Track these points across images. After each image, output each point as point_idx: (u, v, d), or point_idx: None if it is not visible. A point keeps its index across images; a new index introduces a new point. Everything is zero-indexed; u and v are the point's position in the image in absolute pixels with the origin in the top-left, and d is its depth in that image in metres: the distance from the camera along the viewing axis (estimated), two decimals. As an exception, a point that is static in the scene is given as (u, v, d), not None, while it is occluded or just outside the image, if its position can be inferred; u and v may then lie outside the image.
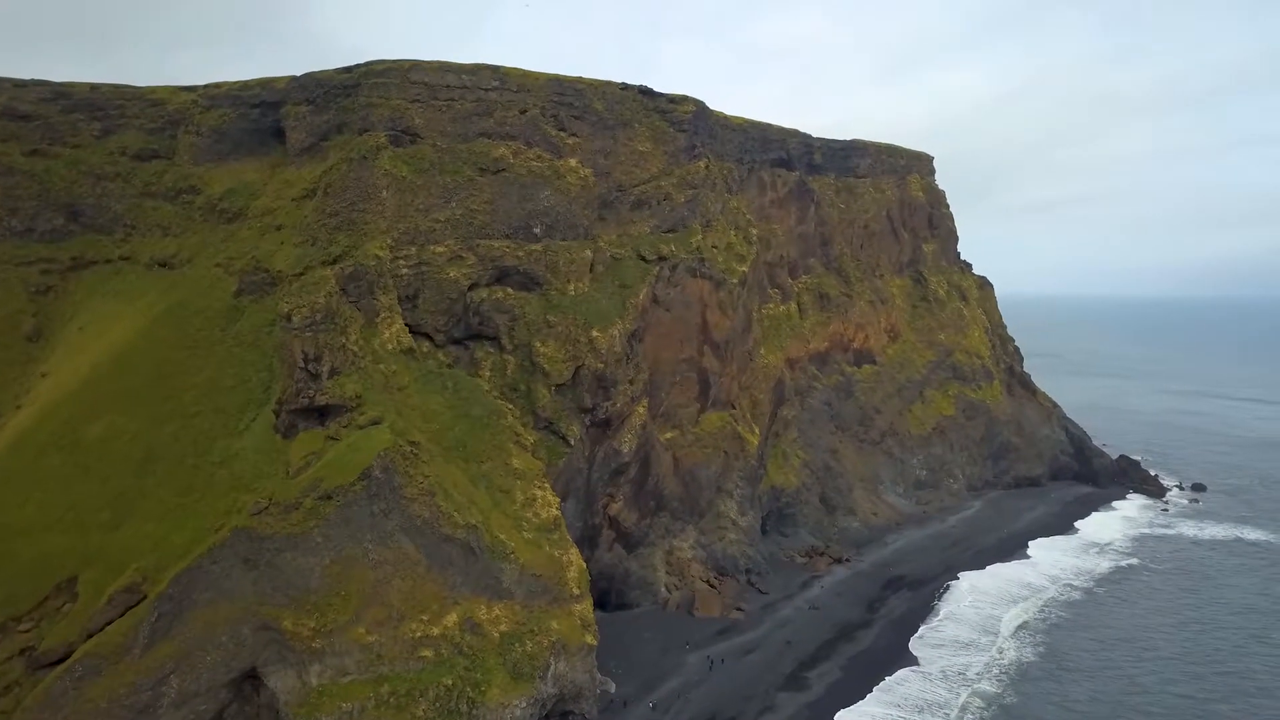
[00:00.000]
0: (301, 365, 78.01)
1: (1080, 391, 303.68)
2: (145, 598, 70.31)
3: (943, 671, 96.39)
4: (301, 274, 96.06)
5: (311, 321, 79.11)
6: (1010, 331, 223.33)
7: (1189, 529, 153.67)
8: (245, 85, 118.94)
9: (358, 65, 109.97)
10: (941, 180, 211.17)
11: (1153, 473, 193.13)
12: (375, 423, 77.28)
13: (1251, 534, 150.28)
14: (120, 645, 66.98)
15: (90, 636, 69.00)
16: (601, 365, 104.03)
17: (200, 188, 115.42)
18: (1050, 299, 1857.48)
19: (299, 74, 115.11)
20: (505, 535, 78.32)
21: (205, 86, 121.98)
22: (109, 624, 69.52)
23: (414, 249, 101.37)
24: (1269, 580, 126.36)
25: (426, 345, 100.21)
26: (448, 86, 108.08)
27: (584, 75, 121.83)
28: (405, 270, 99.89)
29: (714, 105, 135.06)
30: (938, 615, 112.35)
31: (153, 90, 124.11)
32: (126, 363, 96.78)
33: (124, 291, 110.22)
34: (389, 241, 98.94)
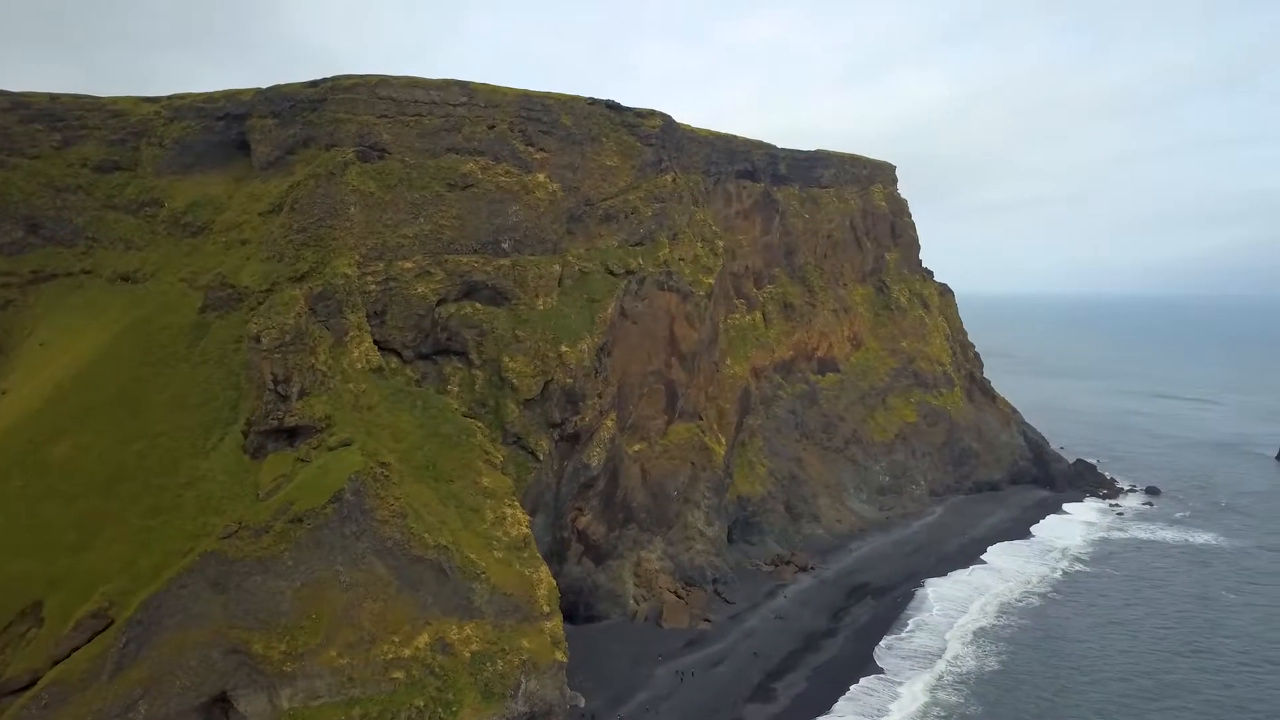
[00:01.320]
0: (271, 387, 77.94)
1: (1035, 392, 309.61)
2: (113, 622, 69.95)
3: (906, 680, 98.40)
4: (269, 290, 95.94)
5: (281, 343, 79.02)
6: (969, 330, 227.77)
7: (1143, 533, 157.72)
8: (210, 97, 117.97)
9: (324, 80, 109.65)
10: (907, 180, 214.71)
11: (1108, 476, 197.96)
12: (345, 444, 77.45)
13: (1200, 537, 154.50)
14: (88, 671, 66.61)
15: (57, 663, 68.54)
16: (570, 380, 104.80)
17: (164, 200, 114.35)
18: (1011, 297, 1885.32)
19: (265, 86, 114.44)
20: (476, 555, 78.85)
21: (169, 98, 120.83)
22: (76, 650, 69.11)
23: (382, 265, 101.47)
24: (1216, 584, 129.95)
25: (395, 361, 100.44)
26: (415, 102, 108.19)
27: (554, 86, 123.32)
28: (373, 286, 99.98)
29: (685, 106, 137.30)
30: (901, 624, 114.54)
31: (114, 101, 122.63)
32: (90, 380, 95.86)
33: (86, 306, 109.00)
34: (357, 258, 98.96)
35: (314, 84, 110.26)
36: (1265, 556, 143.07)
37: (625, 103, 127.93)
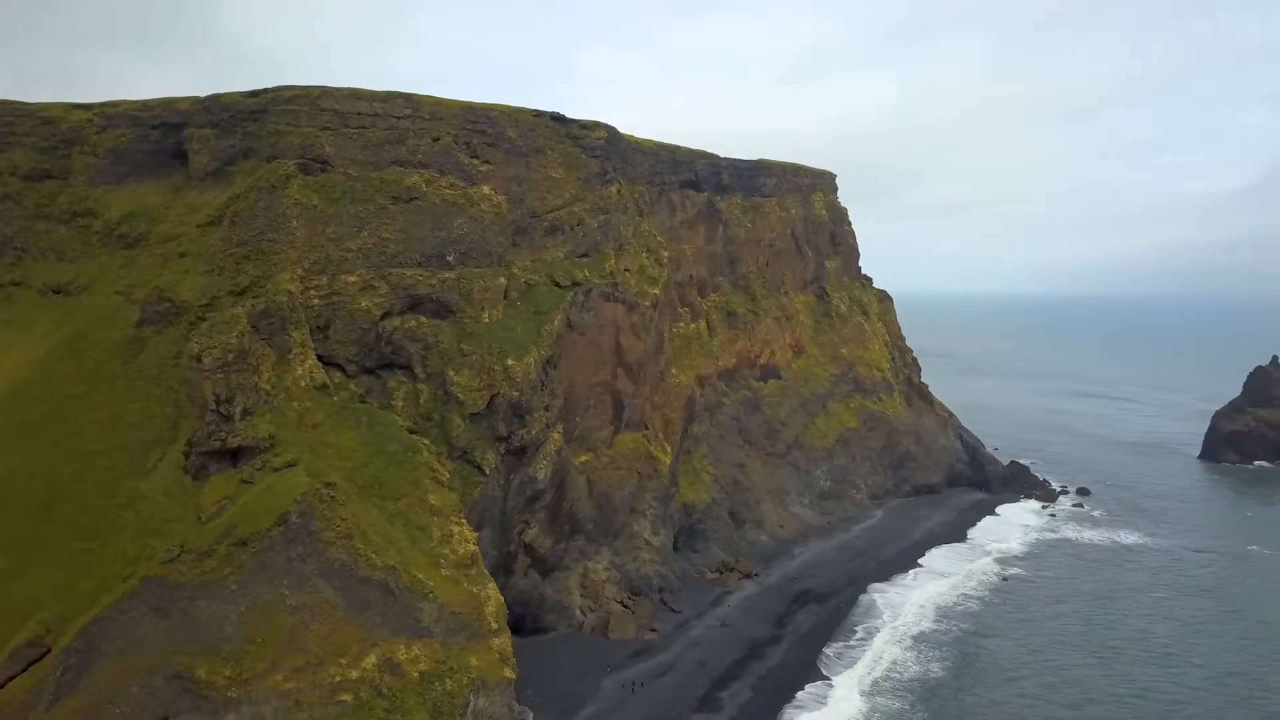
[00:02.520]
0: (213, 407, 76.84)
1: (968, 392, 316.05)
2: (50, 651, 68.50)
3: (849, 687, 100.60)
4: (208, 304, 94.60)
5: (223, 362, 77.91)
6: (908, 332, 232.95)
7: (1075, 534, 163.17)
8: (145, 105, 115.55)
9: (264, 90, 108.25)
10: (850, 182, 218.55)
11: (1041, 477, 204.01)
12: (290, 464, 76.72)
13: (1129, 538, 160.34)
14: (24, 703, 65.21)
15: (-9, 694, 66.88)
16: (517, 393, 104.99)
17: (98, 211, 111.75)
18: (946, 296, 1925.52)
19: (202, 95, 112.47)
20: (423, 574, 78.73)
21: (101, 105, 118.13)
22: (11, 680, 67.50)
23: (325, 279, 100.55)
24: (1146, 585, 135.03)
25: (339, 376, 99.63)
26: (359, 114, 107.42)
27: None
28: (316, 301, 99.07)
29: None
30: (844, 630, 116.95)
31: (44, 107, 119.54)
32: (22, 397, 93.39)
33: (16, 320, 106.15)
34: (299, 272, 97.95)
35: (254, 94, 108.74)
36: (1193, 558, 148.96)
37: (571, 104, 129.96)
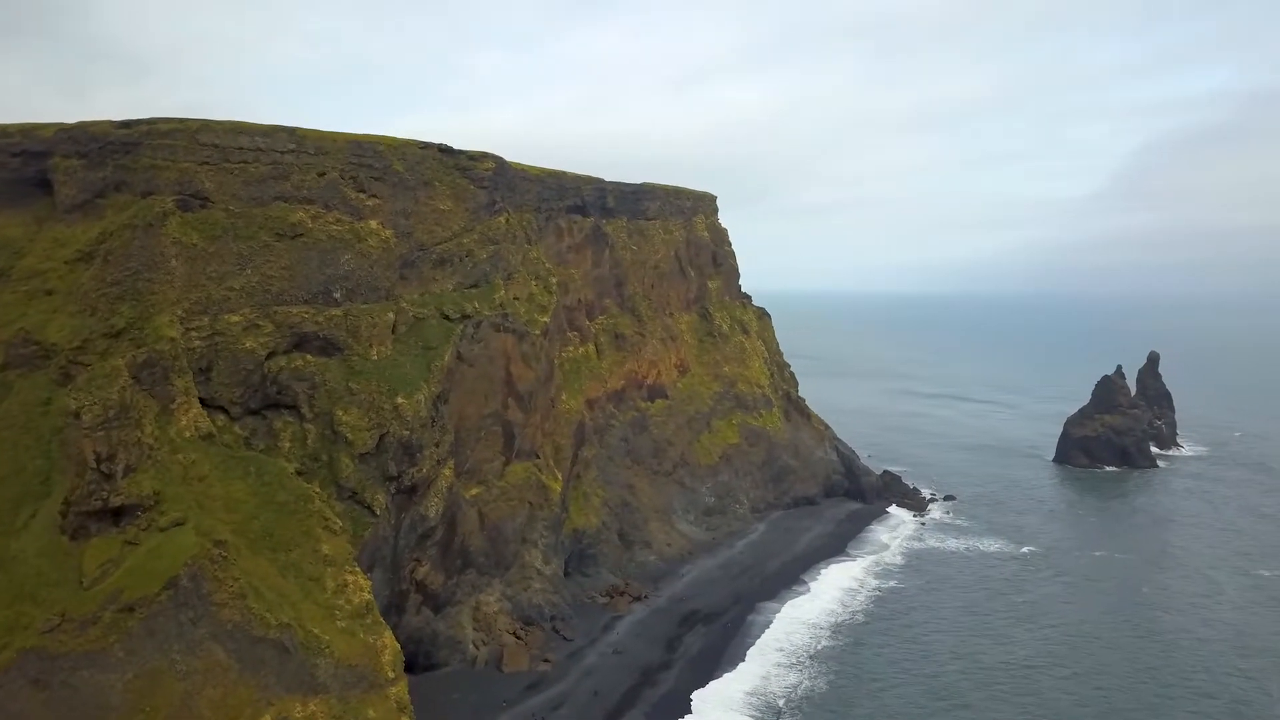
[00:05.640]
0: (93, 465, 74.14)
1: (831, 395, 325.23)
2: (-84, 732, 65.10)
3: (739, 710, 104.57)
4: (80, 347, 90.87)
5: (104, 419, 75.18)
6: (783, 333, 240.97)
7: (941, 543, 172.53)
8: (4, 130, 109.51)
9: (138, 121, 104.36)
10: (723, 184, 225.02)
11: (912, 485, 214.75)
12: (178, 523, 74.88)
13: (992, 545, 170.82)
14: (-111, 791, 61.87)
15: None
16: (407, 432, 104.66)
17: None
18: (813, 295, 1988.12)
19: (69, 123, 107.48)
20: (318, 627, 78.08)
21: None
22: (-127, 766, 63.88)
23: (207, 319, 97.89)
24: (1010, 590, 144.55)
25: (222, 419, 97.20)
26: (240, 149, 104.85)
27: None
28: (198, 342, 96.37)
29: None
30: (732, 651, 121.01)
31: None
32: None
33: None
34: (179, 313, 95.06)
35: (126, 125, 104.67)
36: (1050, 564, 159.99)
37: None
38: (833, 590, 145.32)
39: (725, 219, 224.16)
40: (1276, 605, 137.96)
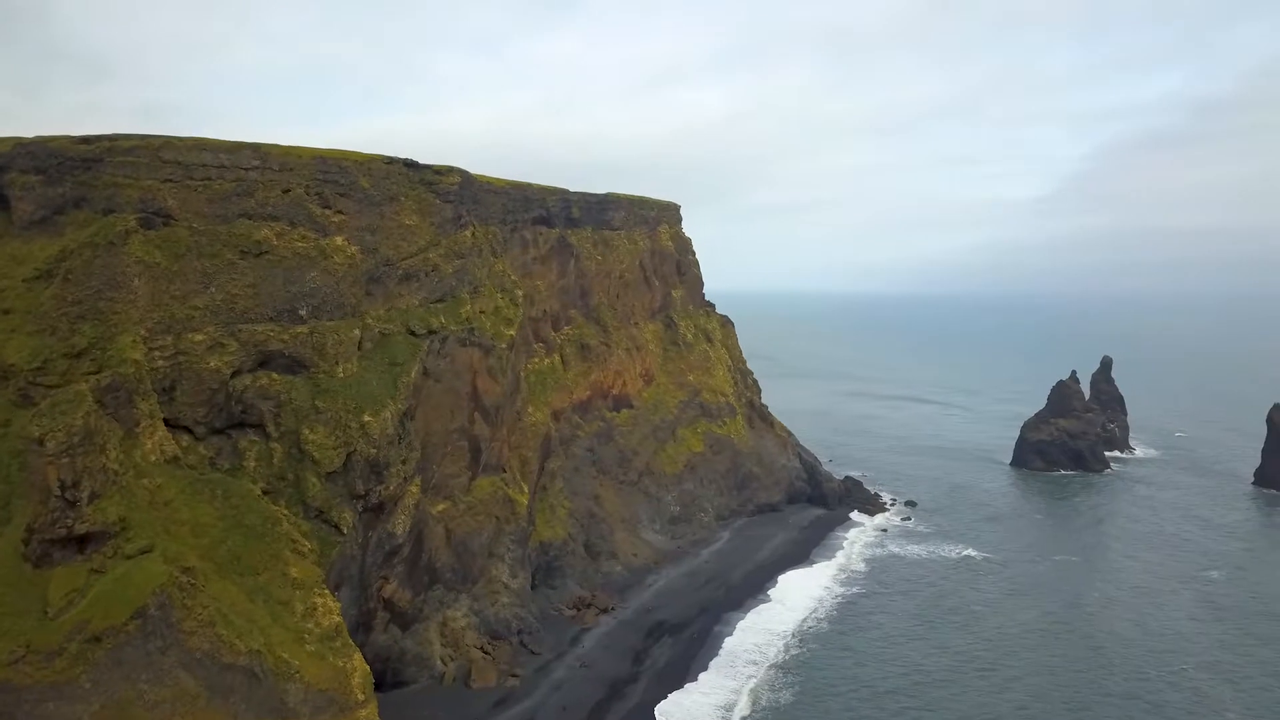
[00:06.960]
0: (57, 493, 73.37)
1: (790, 398, 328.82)
2: (-124, 769, 64.12)
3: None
4: (40, 368, 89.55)
5: (68, 446, 74.39)
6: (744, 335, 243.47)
7: (903, 549, 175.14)
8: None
9: (99, 137, 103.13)
10: (683, 185, 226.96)
11: (873, 491, 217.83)
12: (145, 550, 74.36)
13: (955, 550, 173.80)
14: None
15: None
16: (374, 450, 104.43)
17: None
18: (776, 294, 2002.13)
19: (26, 137, 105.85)
20: (288, 652, 77.95)
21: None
22: None
23: (170, 338, 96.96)
24: (976, 596, 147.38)
25: (186, 439, 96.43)
26: (204, 165, 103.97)
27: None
28: (161, 362, 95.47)
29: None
30: (697, 662, 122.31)
31: None
32: None
33: None
34: (142, 332, 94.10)
35: (86, 140, 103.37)
36: (1009, 569, 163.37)
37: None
38: (797, 598, 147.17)
39: (689, 220, 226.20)
40: (1222, 611, 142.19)
